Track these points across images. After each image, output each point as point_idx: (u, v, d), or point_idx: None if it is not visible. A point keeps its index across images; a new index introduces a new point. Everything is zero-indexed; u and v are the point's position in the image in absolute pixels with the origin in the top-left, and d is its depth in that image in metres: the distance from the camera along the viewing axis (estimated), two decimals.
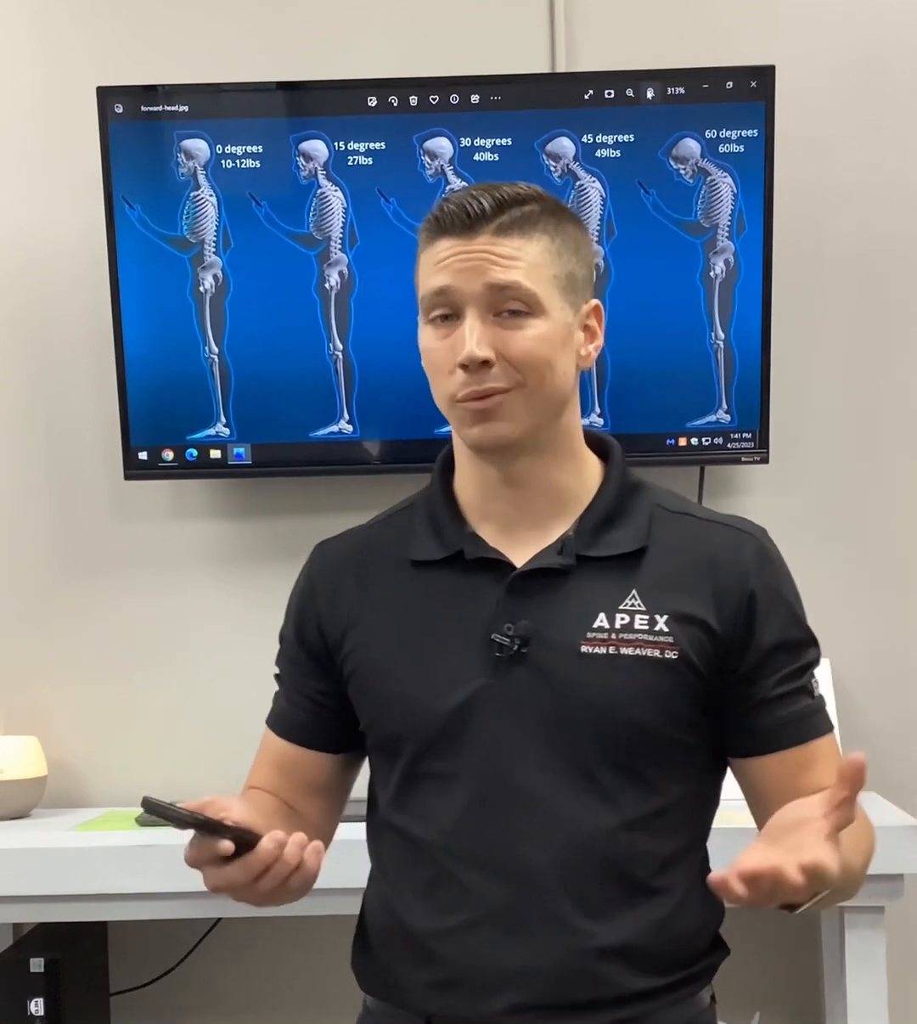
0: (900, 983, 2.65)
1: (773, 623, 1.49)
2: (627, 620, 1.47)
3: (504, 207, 1.47)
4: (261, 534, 2.96)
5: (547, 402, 1.48)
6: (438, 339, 1.48)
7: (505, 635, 1.47)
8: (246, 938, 2.93)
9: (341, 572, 1.60)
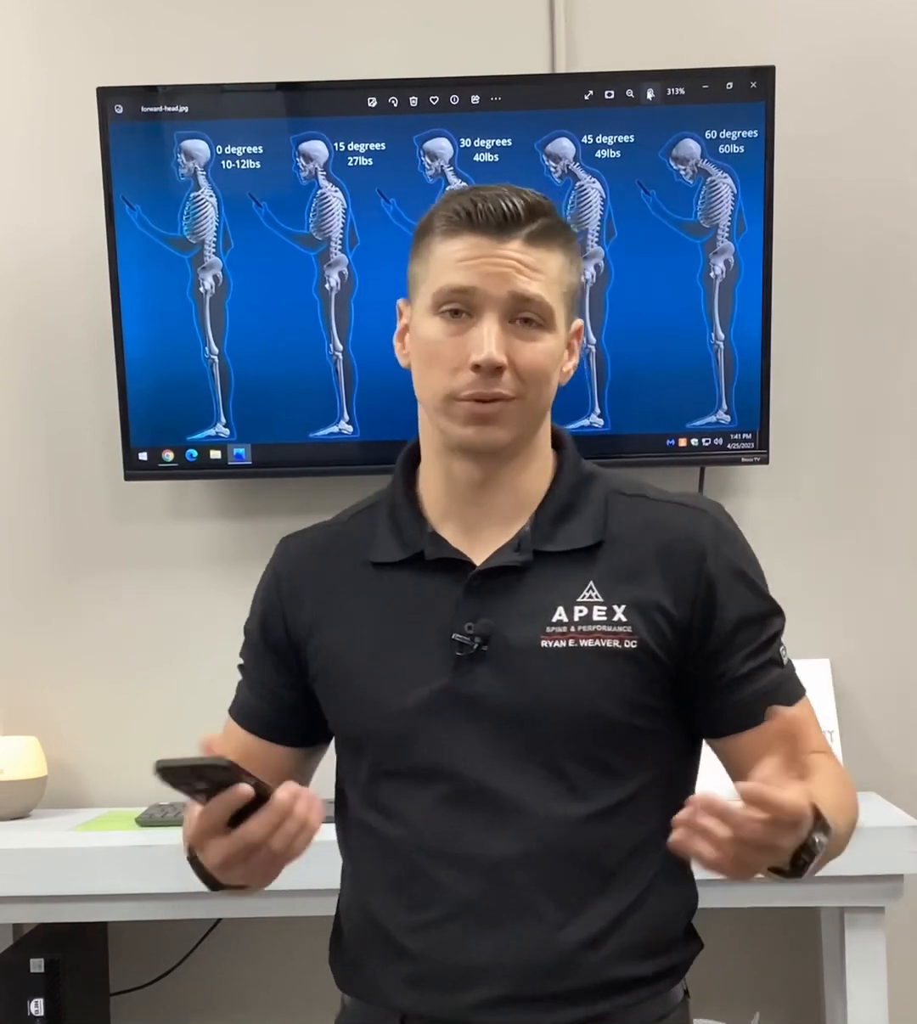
0: (900, 983, 2.65)
1: (734, 600, 1.50)
2: (585, 612, 1.48)
3: (535, 215, 1.47)
4: (261, 534, 2.95)
5: (537, 415, 1.51)
6: (448, 334, 1.47)
7: (465, 634, 1.48)
8: (246, 938, 2.93)
9: (305, 570, 1.60)
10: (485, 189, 1.50)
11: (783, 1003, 2.90)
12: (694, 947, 1.57)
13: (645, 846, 1.50)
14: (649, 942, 1.49)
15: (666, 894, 1.51)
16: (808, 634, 2.86)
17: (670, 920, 1.53)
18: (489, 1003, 1.45)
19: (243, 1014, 2.98)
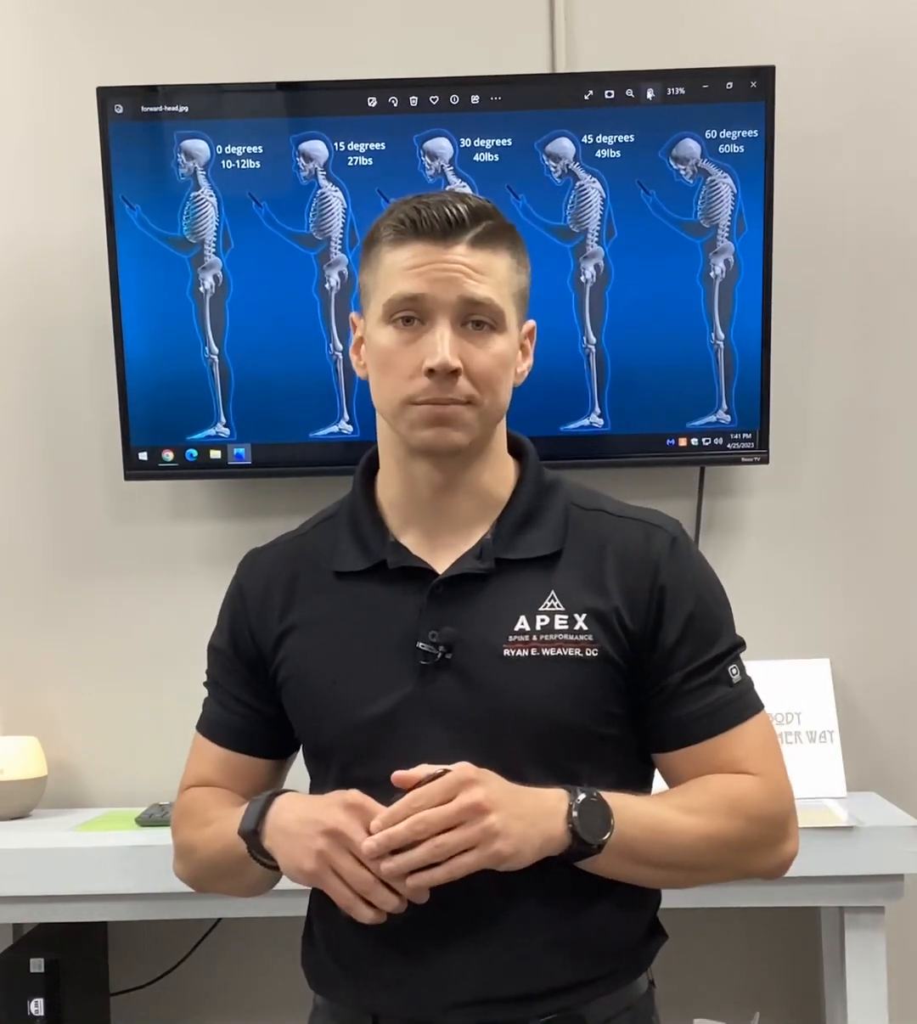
0: (900, 983, 2.65)
1: (679, 616, 1.52)
2: (547, 621, 1.50)
3: (479, 218, 1.49)
4: (261, 534, 2.93)
5: (493, 417, 1.53)
6: (401, 342, 1.50)
7: (429, 642, 1.49)
8: (246, 938, 2.93)
9: (270, 582, 1.63)
10: (428, 196, 1.52)
11: (783, 1003, 2.90)
12: (658, 941, 1.59)
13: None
14: (611, 942, 1.52)
15: (626, 894, 1.52)
16: (808, 634, 2.86)
17: (631, 919, 1.54)
18: (459, 1004, 1.47)
19: (243, 1014, 2.98)
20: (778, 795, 1.53)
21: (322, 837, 1.39)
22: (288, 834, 1.43)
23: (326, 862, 1.40)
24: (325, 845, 1.38)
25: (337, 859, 1.38)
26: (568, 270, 2.77)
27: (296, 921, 2.79)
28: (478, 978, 1.47)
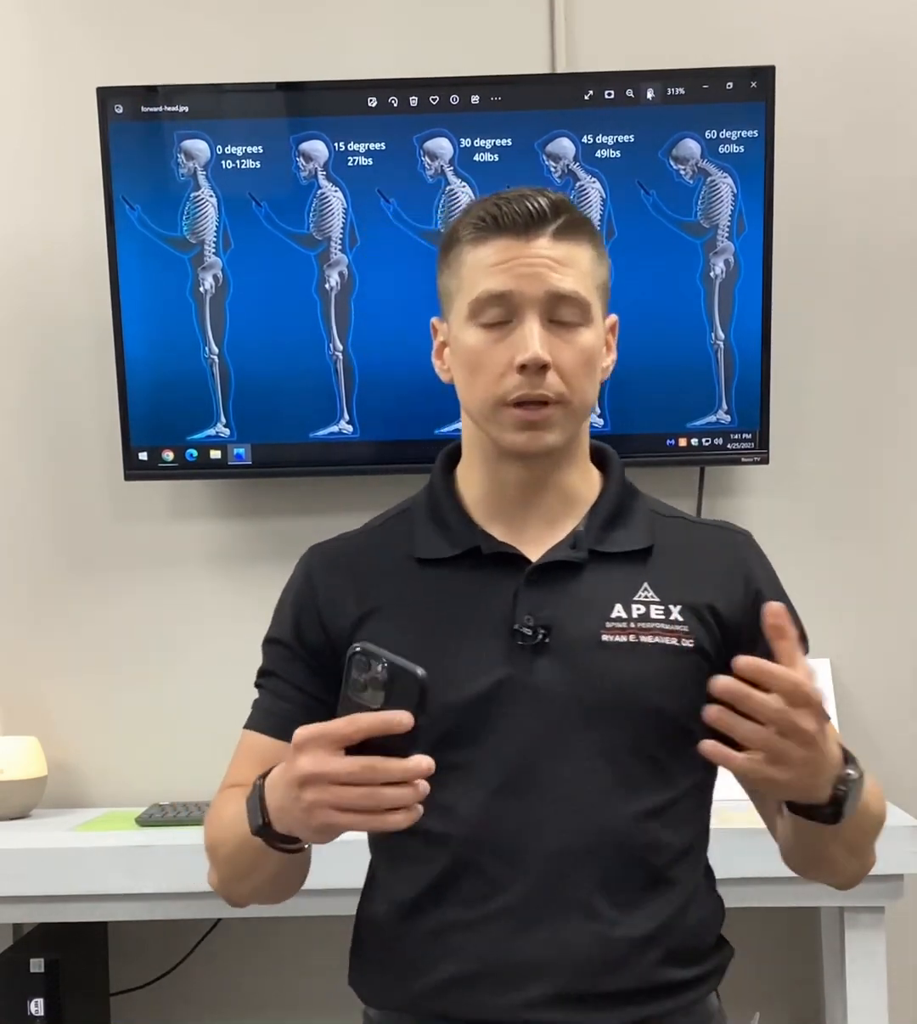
0: (900, 983, 2.65)
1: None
2: (643, 610, 1.49)
3: (560, 211, 1.48)
4: (261, 534, 2.96)
5: (583, 414, 1.52)
6: (490, 341, 1.48)
7: (526, 625, 1.47)
8: (246, 938, 2.93)
9: (342, 571, 1.57)
10: (507, 193, 1.50)
11: (783, 1003, 2.90)
12: (726, 953, 1.56)
13: (688, 852, 1.51)
14: (691, 947, 1.49)
15: (704, 901, 1.52)
16: (808, 634, 2.86)
17: (707, 927, 1.53)
18: (540, 1001, 1.43)
19: (243, 1014, 2.98)
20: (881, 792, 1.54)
21: (302, 791, 1.26)
22: (284, 809, 1.32)
23: (323, 809, 1.25)
24: (310, 796, 1.25)
25: (325, 797, 1.24)
26: None
27: (296, 921, 2.80)
28: (562, 974, 1.43)
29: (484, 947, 1.44)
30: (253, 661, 3.13)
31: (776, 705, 1.25)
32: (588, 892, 1.44)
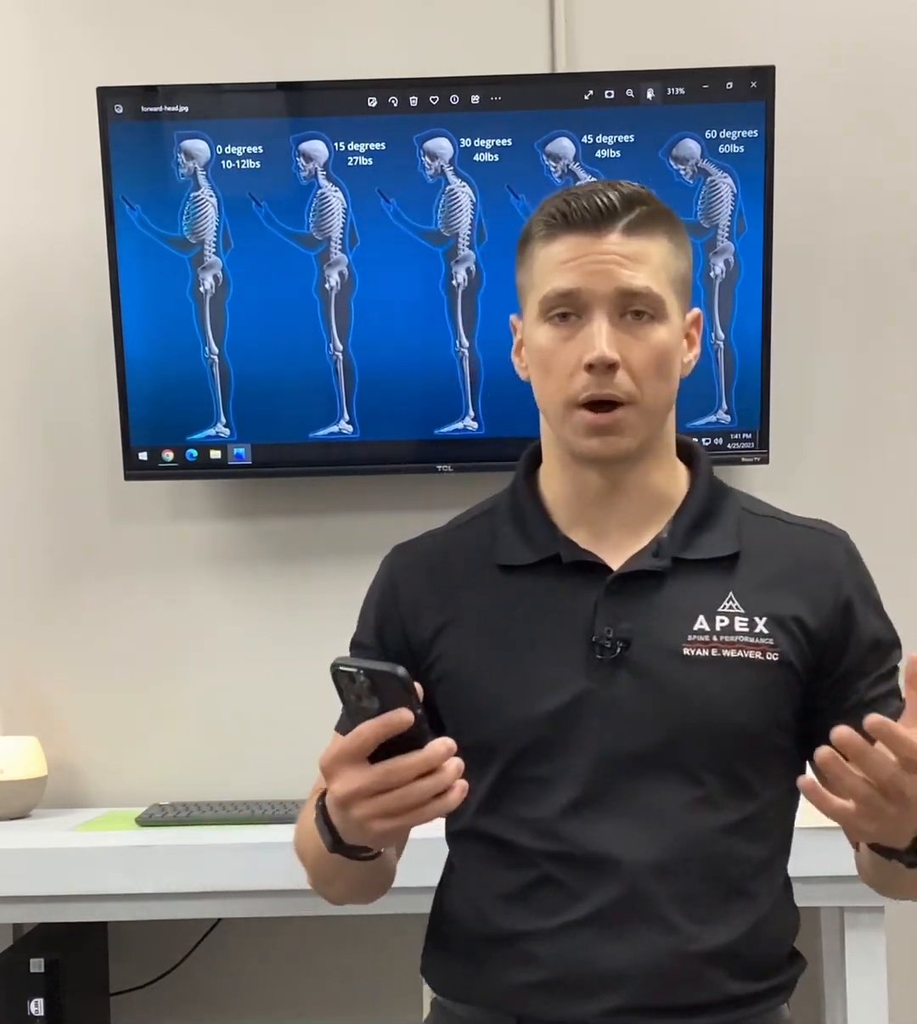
0: (900, 983, 2.65)
1: (868, 623, 1.52)
2: (727, 622, 1.46)
3: (632, 205, 1.45)
4: (261, 534, 2.96)
5: (659, 413, 1.49)
6: (559, 339, 1.45)
7: (606, 637, 1.45)
8: (246, 938, 2.93)
9: (424, 573, 1.56)
10: (580, 187, 1.48)
11: None
12: (799, 966, 1.55)
13: (768, 865, 1.50)
14: (766, 960, 1.49)
15: (780, 915, 1.51)
16: None
17: (783, 939, 1.53)
18: (614, 1012, 1.43)
19: (243, 1014, 2.98)
20: None
21: (347, 811, 1.28)
22: (344, 828, 1.33)
23: (370, 820, 1.27)
24: (356, 813, 1.27)
25: (369, 812, 1.26)
26: None
27: (296, 921, 2.80)
28: (638, 986, 1.43)
29: (562, 956, 1.44)
30: (253, 660, 3.14)
31: (892, 769, 1.23)
32: (663, 906, 1.44)
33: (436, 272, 2.78)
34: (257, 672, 2.94)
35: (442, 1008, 1.56)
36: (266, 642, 2.93)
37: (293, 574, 2.93)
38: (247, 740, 2.91)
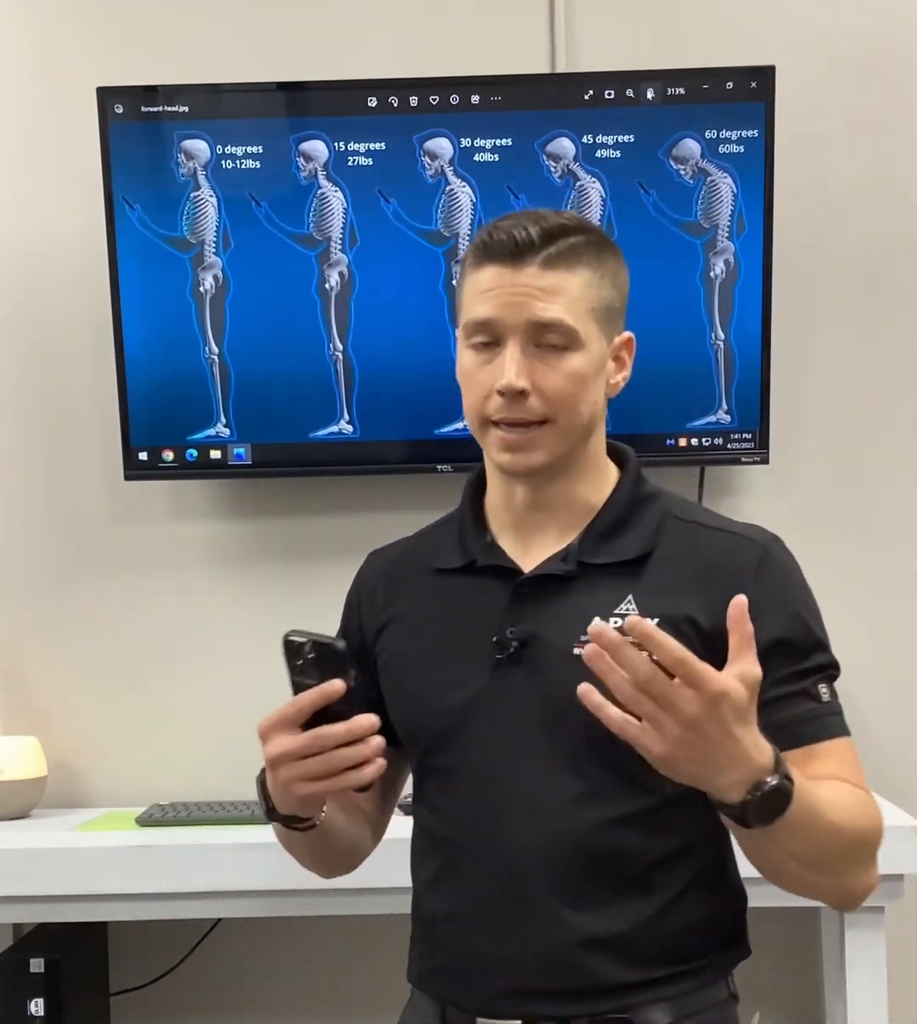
0: (900, 983, 2.65)
1: (768, 625, 1.49)
2: (619, 624, 1.47)
3: (552, 238, 1.50)
4: (261, 534, 2.97)
5: (574, 433, 1.55)
6: (478, 363, 1.54)
7: (506, 638, 1.53)
8: (246, 938, 2.93)
9: (380, 578, 1.69)
10: (507, 217, 1.54)
11: (783, 1003, 2.90)
12: (735, 953, 1.58)
13: (672, 857, 1.52)
14: (670, 949, 1.51)
15: (685, 908, 1.52)
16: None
17: (699, 929, 1.53)
18: (507, 994, 1.51)
19: (243, 1014, 2.98)
20: (880, 813, 1.51)
21: (275, 773, 1.41)
22: (274, 794, 1.46)
23: (293, 783, 1.40)
24: (282, 775, 1.40)
25: (293, 772, 1.39)
26: None
27: (296, 921, 2.80)
28: (526, 970, 1.50)
29: (463, 939, 1.54)
30: (253, 660, 3.14)
31: (647, 668, 1.25)
32: (547, 896, 1.50)
33: (436, 272, 2.78)
34: (257, 672, 2.92)
35: (411, 993, 1.65)
36: (266, 642, 2.91)
37: (293, 574, 2.93)
38: (247, 740, 2.89)
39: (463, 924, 1.54)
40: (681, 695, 1.26)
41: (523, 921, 1.50)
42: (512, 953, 1.51)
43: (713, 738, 1.28)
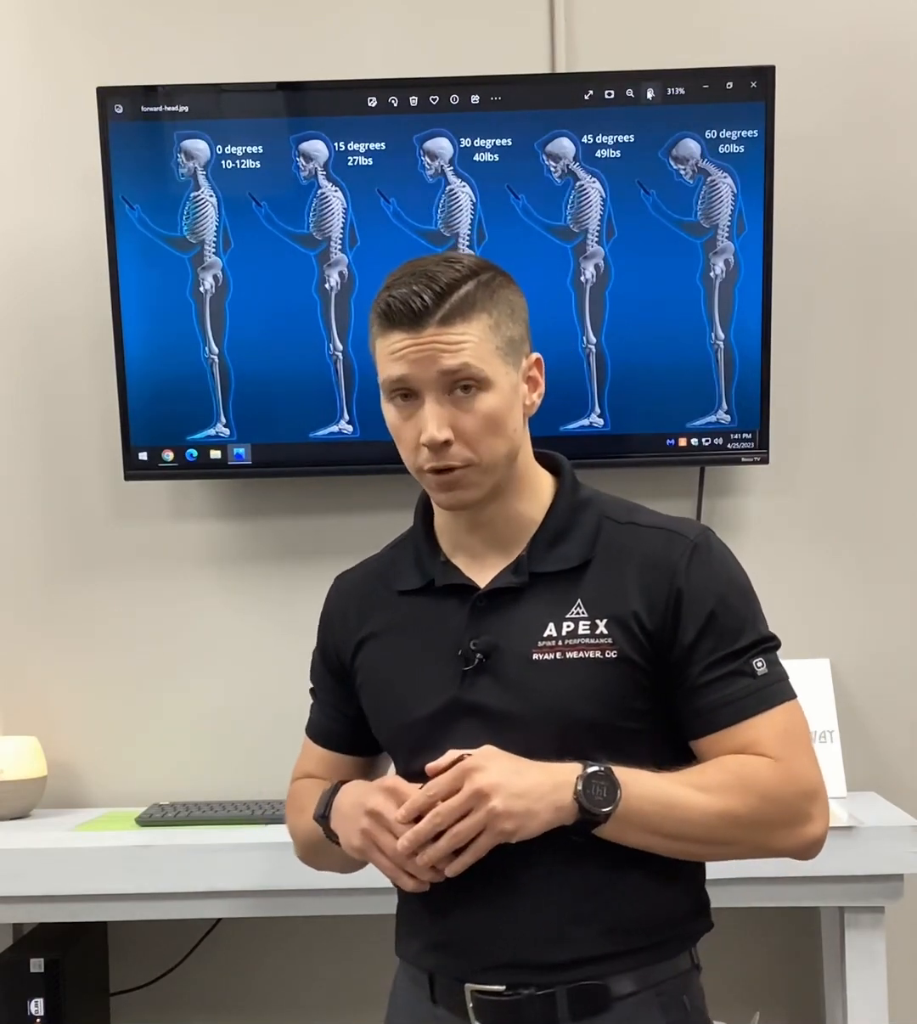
0: (900, 983, 2.65)
1: (697, 615, 1.61)
2: (572, 627, 1.63)
3: (444, 297, 1.61)
4: (261, 534, 2.97)
5: (501, 464, 1.65)
6: (402, 419, 1.64)
7: (470, 650, 1.64)
8: (246, 938, 2.93)
9: (349, 601, 1.81)
10: (402, 281, 1.65)
11: (783, 1003, 2.90)
12: (700, 924, 1.70)
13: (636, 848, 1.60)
14: (639, 917, 1.61)
15: (657, 871, 1.61)
16: (808, 634, 2.86)
17: (663, 897, 1.63)
18: (491, 967, 1.61)
19: (243, 1014, 2.98)
20: (793, 778, 1.59)
21: (365, 817, 1.57)
22: (343, 816, 1.64)
23: (369, 839, 1.58)
24: (368, 824, 1.57)
25: (378, 836, 1.57)
26: (568, 270, 2.78)
27: (296, 921, 2.79)
28: (506, 944, 1.60)
29: (447, 918, 1.64)
30: (252, 660, 3.14)
31: (447, 807, 1.51)
32: (522, 874, 1.59)
33: None
34: (257, 672, 2.94)
35: (397, 966, 1.78)
36: (266, 642, 2.93)
37: (293, 574, 2.93)
38: (247, 740, 2.92)
39: (447, 906, 1.62)
40: (458, 801, 1.50)
41: (506, 901, 1.60)
42: (497, 933, 1.60)
43: (506, 787, 1.51)
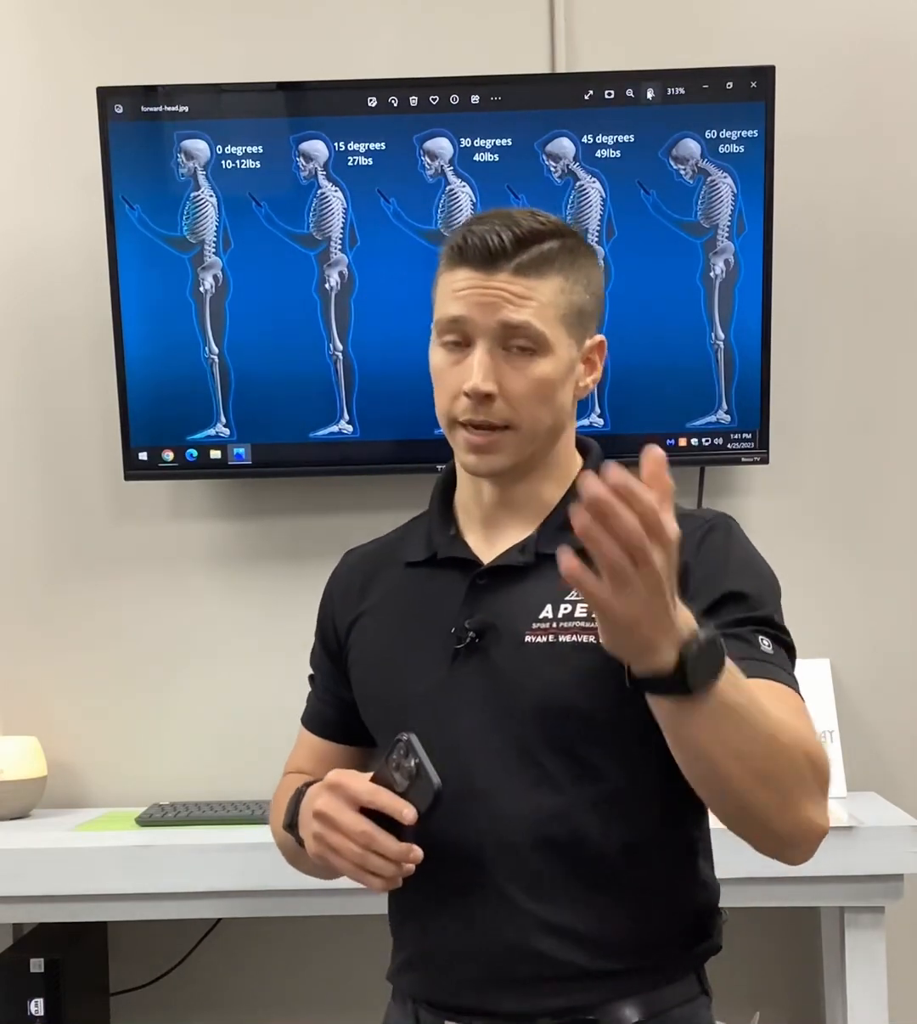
0: (900, 983, 2.65)
1: (705, 592, 1.47)
2: (569, 609, 1.52)
3: (524, 245, 1.52)
4: (261, 534, 2.97)
5: (540, 437, 1.57)
6: (448, 363, 1.56)
7: (462, 628, 1.55)
8: (246, 938, 2.93)
9: (353, 575, 1.71)
10: (483, 219, 1.55)
11: (783, 1003, 2.90)
12: (704, 947, 1.56)
13: (639, 845, 1.50)
14: (636, 939, 1.50)
15: (660, 895, 1.51)
16: (808, 634, 2.85)
17: (660, 921, 1.52)
18: (470, 983, 1.51)
19: (243, 1014, 2.98)
20: (825, 752, 1.45)
21: (314, 820, 1.46)
22: (303, 823, 1.51)
23: (322, 843, 1.46)
24: (318, 827, 1.45)
25: (328, 837, 1.44)
26: None
27: (296, 921, 2.79)
28: (487, 962, 1.50)
29: (425, 932, 1.55)
30: (253, 660, 3.14)
31: (634, 523, 1.17)
32: (503, 882, 1.49)
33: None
34: (257, 672, 2.94)
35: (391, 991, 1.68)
36: (266, 642, 2.93)
37: (293, 574, 2.93)
38: (247, 740, 2.92)
39: (426, 918, 1.54)
40: (652, 547, 1.19)
41: (482, 910, 1.50)
42: (472, 943, 1.51)
43: (664, 594, 1.22)
